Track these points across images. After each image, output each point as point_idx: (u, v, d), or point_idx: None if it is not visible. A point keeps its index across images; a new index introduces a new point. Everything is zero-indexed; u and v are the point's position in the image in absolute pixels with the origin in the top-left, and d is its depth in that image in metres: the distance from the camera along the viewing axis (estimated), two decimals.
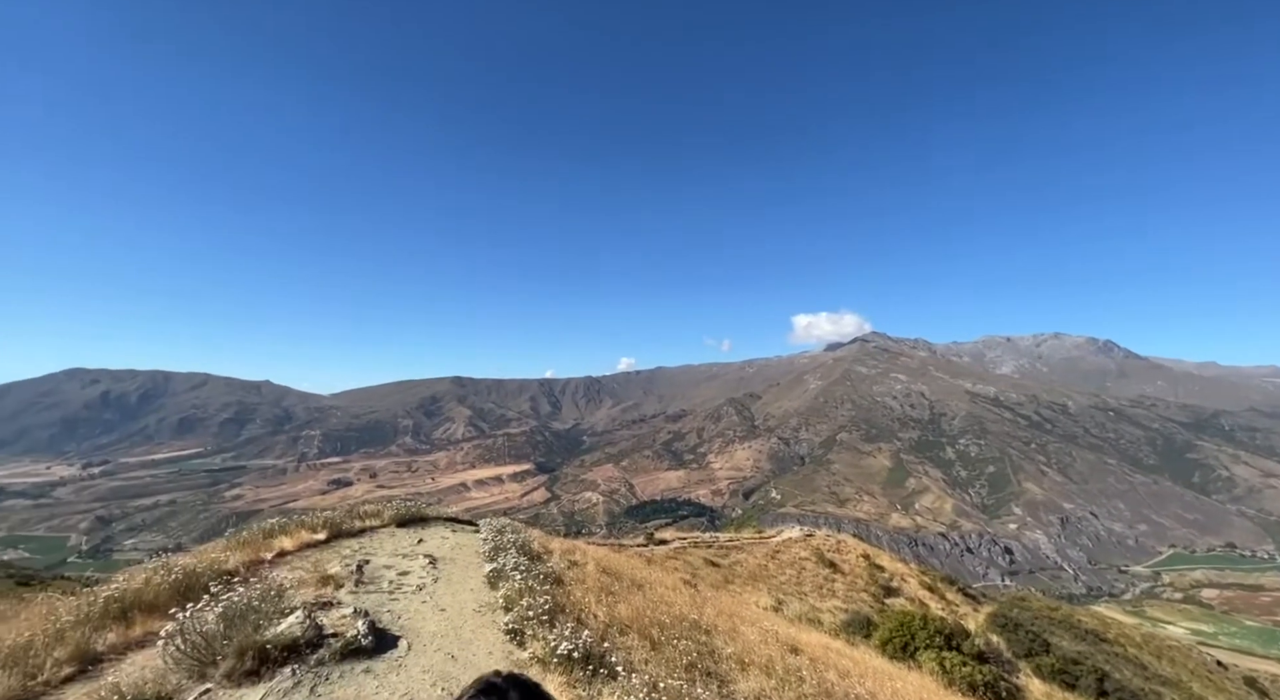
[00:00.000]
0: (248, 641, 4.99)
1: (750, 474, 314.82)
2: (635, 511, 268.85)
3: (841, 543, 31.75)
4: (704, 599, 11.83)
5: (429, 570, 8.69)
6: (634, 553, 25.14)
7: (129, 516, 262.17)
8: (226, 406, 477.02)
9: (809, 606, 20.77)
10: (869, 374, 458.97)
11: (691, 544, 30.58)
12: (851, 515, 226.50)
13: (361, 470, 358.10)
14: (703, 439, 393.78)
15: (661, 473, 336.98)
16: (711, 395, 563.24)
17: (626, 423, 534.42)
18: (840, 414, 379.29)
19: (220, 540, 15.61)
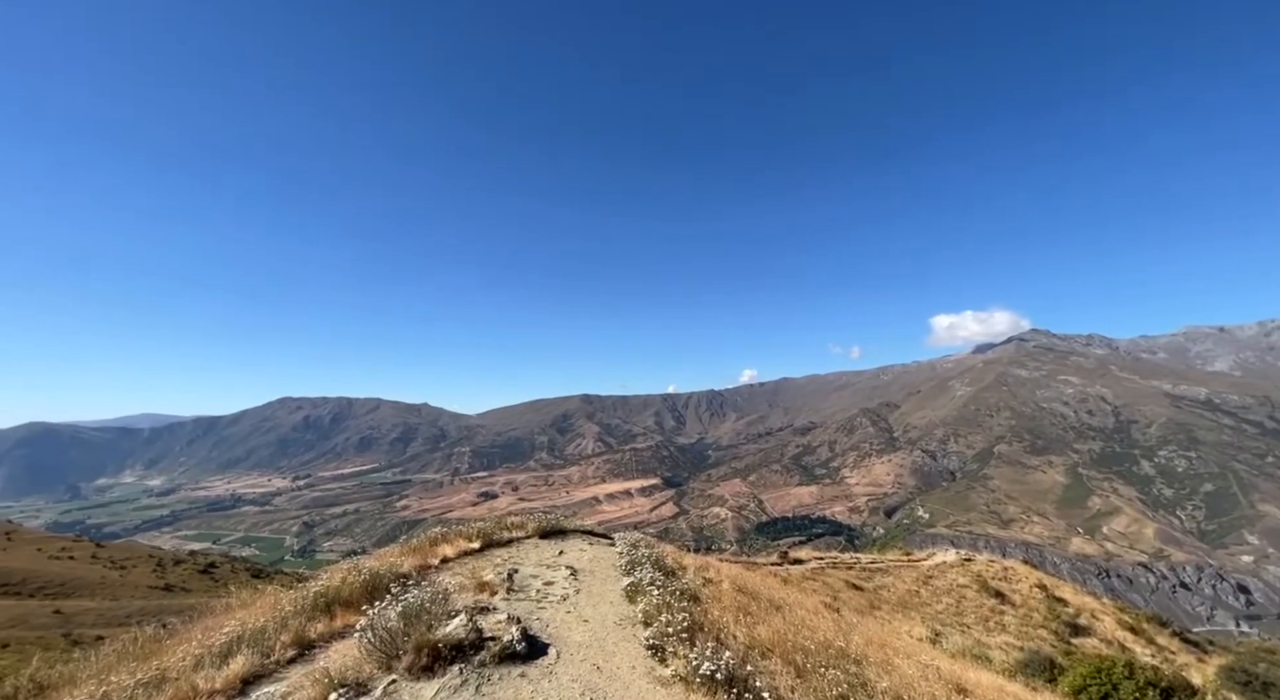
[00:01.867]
0: (423, 639, 5.59)
1: (891, 490, 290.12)
2: (766, 528, 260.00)
3: (1009, 570, 27.93)
4: (849, 625, 11.04)
5: (571, 581, 9.12)
6: (768, 571, 24.26)
7: (326, 523, 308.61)
8: (395, 427, 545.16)
9: (973, 641, 18.46)
10: (1031, 377, 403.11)
11: (830, 564, 28.79)
12: (1018, 538, 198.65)
13: (505, 484, 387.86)
14: (835, 452, 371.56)
15: (792, 488, 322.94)
16: (842, 406, 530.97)
17: (752, 436, 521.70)
18: (997, 423, 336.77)
19: (394, 546, 17.67)
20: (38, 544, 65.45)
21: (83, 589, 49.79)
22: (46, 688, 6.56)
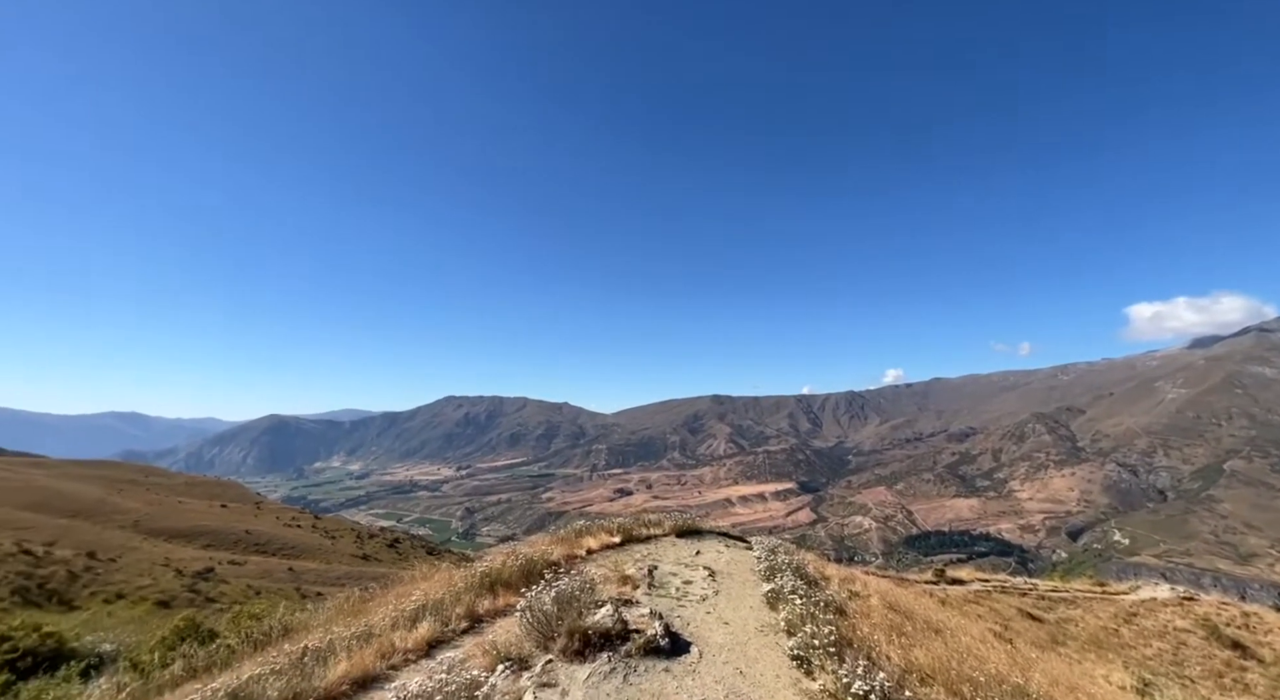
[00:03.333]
0: (574, 625, 5.99)
1: (1076, 508, 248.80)
2: (916, 542, 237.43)
3: (1254, 617, 22.46)
4: (1027, 660, 9.68)
5: (709, 582, 9.15)
6: (922, 590, 22.12)
7: (484, 509, 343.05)
8: (540, 424, 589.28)
9: (1200, 699, 15.14)
10: (1277, 377, 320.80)
11: (998, 588, 25.47)
12: (1265, 578, 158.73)
13: (639, 481, 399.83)
14: (1000, 462, 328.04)
15: (947, 500, 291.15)
16: (1009, 410, 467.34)
17: (898, 442, 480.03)
18: (1227, 434, 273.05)
19: (541, 534, 19.04)
20: (276, 513, 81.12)
21: (306, 552, 60.77)
22: (290, 630, 8.15)
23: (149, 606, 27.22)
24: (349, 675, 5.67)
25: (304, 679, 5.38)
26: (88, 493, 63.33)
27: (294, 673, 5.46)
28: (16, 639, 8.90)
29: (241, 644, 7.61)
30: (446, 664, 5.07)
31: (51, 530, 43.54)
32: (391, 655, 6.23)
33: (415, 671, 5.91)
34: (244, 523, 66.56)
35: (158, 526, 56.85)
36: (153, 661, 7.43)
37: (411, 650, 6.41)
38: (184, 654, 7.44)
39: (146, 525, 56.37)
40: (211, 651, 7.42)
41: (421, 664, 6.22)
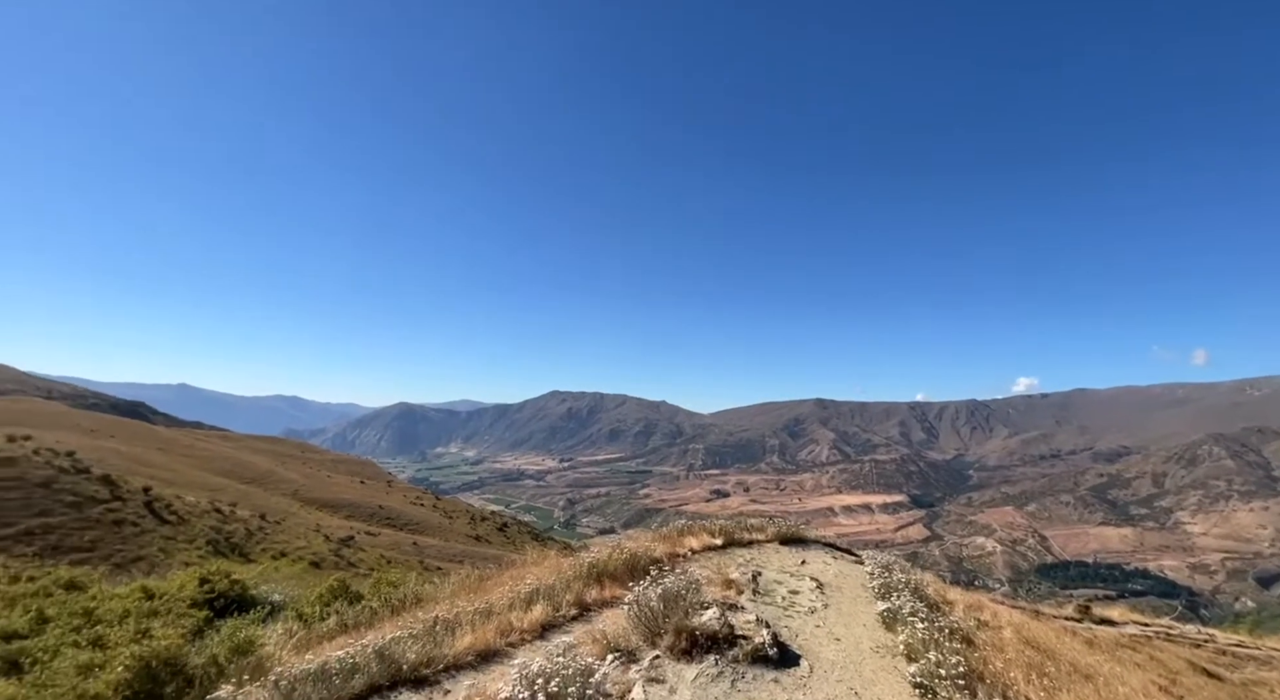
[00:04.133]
0: (681, 624, 6.02)
1: (1268, 550, 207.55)
2: (1051, 572, 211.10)
3: None
4: None
5: (817, 594, 8.79)
6: (1061, 626, 19.57)
7: (584, 501, 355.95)
8: (638, 421, 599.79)
9: None
10: None
11: (1162, 635, 21.87)
12: None
13: (736, 484, 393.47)
14: (1164, 489, 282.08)
15: (1091, 527, 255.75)
16: (1175, 428, 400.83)
17: (1030, 458, 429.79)
18: None
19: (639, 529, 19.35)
20: (404, 492, 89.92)
21: (428, 529, 66.75)
22: (421, 600, 9.00)
23: (304, 565, 31.35)
24: (473, 647, 6.14)
25: (435, 646, 5.92)
26: (260, 463, 74.31)
27: (427, 639, 6.02)
28: (214, 582, 10.66)
29: (382, 607, 8.53)
30: (560, 647, 5.32)
31: (234, 493, 51.63)
32: (509, 633, 6.66)
33: (531, 651, 6.27)
34: (378, 498, 74.55)
35: (311, 496, 65.37)
36: (313, 614, 8.55)
37: (527, 630, 6.81)
38: (337, 611, 8.49)
39: (303, 494, 65.04)
40: (358, 611, 8.39)
41: (536, 644, 6.59)
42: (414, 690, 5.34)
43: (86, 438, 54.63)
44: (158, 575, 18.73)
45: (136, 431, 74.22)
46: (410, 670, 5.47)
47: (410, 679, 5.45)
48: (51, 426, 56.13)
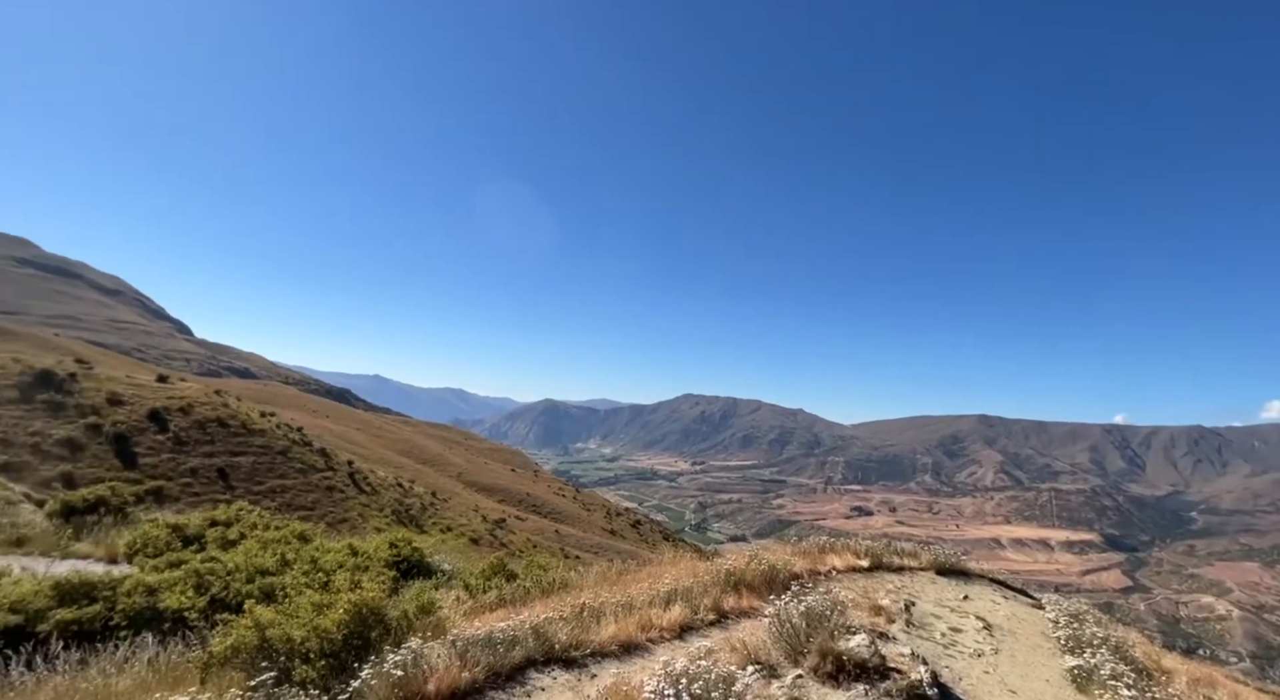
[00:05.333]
0: (826, 646, 5.73)
1: None
2: None
3: None
4: None
5: (985, 636, 7.80)
6: None
7: (715, 506, 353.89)
8: (773, 428, 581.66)
9: None
10: None
11: None
12: None
13: (881, 502, 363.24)
14: None
15: None
16: None
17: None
18: None
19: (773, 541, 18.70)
20: (548, 482, 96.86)
21: (568, 519, 71.14)
22: (566, 586, 9.65)
23: (465, 541, 35.24)
24: (616, 637, 6.43)
25: (584, 631, 6.30)
26: (432, 447, 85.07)
27: (576, 623, 6.44)
28: (400, 548, 12.43)
29: (534, 588, 9.29)
30: (700, 651, 5.37)
31: (412, 471, 59.71)
32: (649, 629, 6.87)
33: (670, 649, 6.41)
34: (526, 486, 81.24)
35: (471, 480, 73.27)
36: (478, 586, 9.59)
37: (665, 629, 6.97)
38: (496, 586, 9.42)
39: (465, 477, 73.15)
40: (514, 589, 9.23)
41: (674, 643, 6.71)
42: (564, 669, 5.74)
43: (309, 417, 66.96)
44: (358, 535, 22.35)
45: (343, 414, 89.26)
46: (561, 650, 5.89)
47: (561, 658, 5.87)
48: (287, 406, 69.68)
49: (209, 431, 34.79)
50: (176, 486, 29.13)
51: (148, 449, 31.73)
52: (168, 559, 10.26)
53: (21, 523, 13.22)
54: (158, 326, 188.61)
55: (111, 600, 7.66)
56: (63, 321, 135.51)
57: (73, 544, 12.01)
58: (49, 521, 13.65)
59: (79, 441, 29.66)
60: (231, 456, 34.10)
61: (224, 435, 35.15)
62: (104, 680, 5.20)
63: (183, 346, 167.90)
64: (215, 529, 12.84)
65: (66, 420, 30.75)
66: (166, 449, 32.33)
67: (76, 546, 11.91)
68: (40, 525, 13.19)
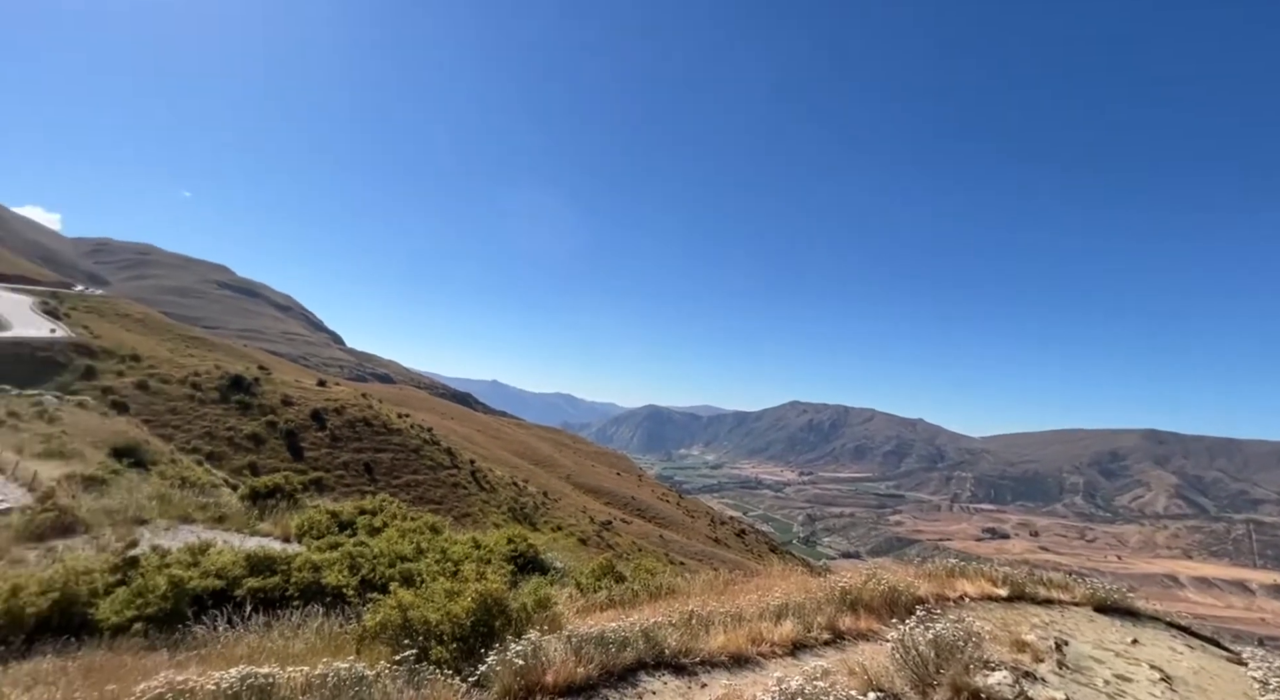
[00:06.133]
0: (960, 680, 5.22)
1: None
2: None
3: None
4: None
5: (1165, 692, 6.67)
6: None
7: (825, 519, 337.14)
8: (888, 439, 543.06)
9: None
10: None
11: None
12: None
13: (1019, 524, 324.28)
14: None
15: None
16: None
17: None
18: None
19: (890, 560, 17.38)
20: (652, 487, 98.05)
21: (672, 524, 71.43)
22: (673, 591, 9.69)
23: (575, 540, 36.66)
24: (726, 648, 6.34)
25: (693, 638, 6.29)
26: (543, 449, 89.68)
27: (685, 630, 6.44)
28: (517, 543, 13.23)
29: (642, 591, 9.44)
30: (816, 671, 5.13)
31: (526, 472, 63.32)
32: (760, 642, 6.68)
33: (782, 665, 6.19)
34: (630, 490, 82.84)
35: (579, 481, 76.15)
36: (589, 586, 9.94)
37: (777, 644, 6.74)
38: (606, 587, 9.70)
39: (573, 479, 76.20)
40: (623, 591, 9.45)
41: (786, 660, 6.47)
42: (674, 675, 5.76)
43: (437, 418, 73.54)
44: (479, 530, 24.13)
45: (466, 416, 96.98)
46: (671, 655, 5.92)
47: (671, 663, 5.90)
48: (419, 408, 77.12)
49: (357, 430, 39.52)
50: (332, 477, 33.39)
51: (310, 444, 36.73)
52: (328, 541, 11.78)
53: (222, 503, 15.87)
54: (317, 337, 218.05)
55: (287, 573, 8.94)
56: (249, 334, 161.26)
57: (258, 523, 14.20)
58: (241, 503, 16.25)
59: (261, 436, 35.06)
60: (375, 453, 38.42)
61: (369, 433, 39.73)
62: (284, 642, 6.07)
63: (337, 355, 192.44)
64: (363, 517, 14.52)
65: (252, 418, 36.49)
66: (325, 444, 37.21)
67: (260, 525, 14.07)
68: (235, 506, 15.75)
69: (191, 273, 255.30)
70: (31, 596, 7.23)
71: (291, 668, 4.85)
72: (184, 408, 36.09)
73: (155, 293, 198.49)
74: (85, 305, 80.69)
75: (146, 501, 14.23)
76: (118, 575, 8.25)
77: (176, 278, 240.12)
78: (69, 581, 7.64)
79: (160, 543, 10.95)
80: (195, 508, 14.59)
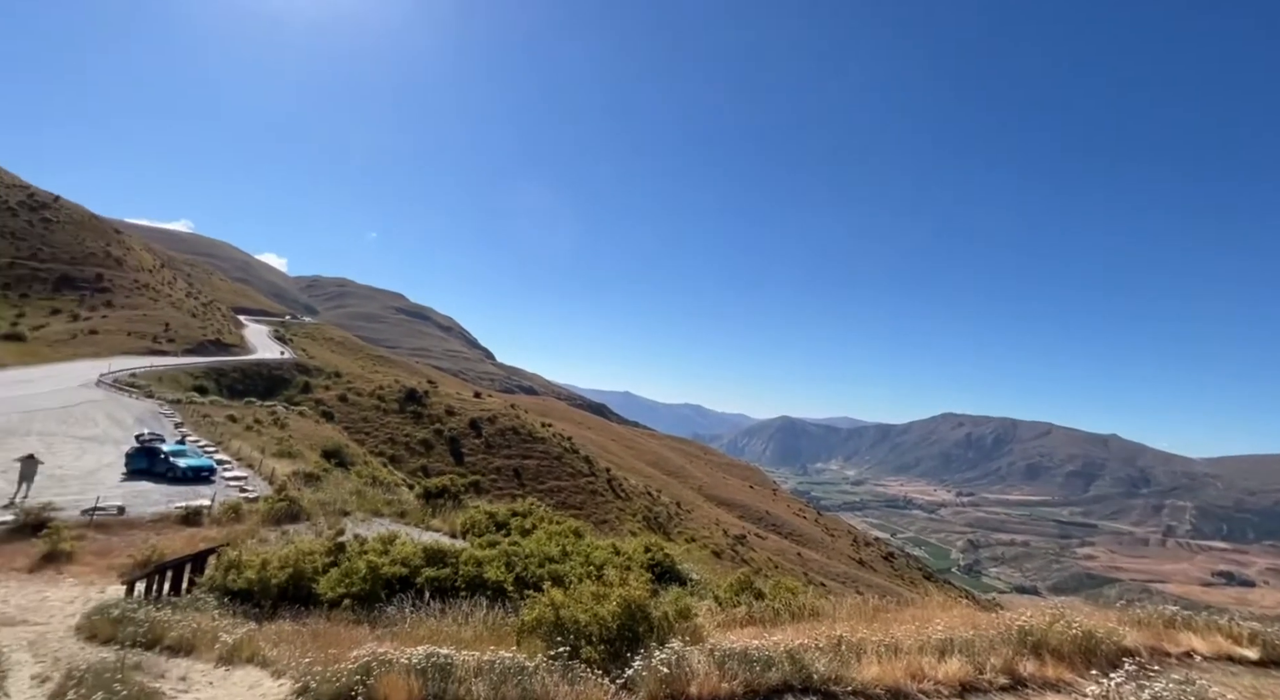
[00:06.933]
0: None
1: None
2: None
3: None
4: None
5: None
6: None
7: (991, 547, 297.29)
8: (1071, 458, 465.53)
9: None
10: None
11: None
12: None
13: (1268, 569, 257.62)
14: None
15: None
16: None
17: None
18: None
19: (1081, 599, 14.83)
20: (786, 502, 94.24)
21: (811, 542, 67.86)
22: (817, 614, 9.21)
23: (708, 552, 36.40)
24: (881, 680, 5.86)
25: (843, 665, 5.91)
26: (674, 459, 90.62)
27: (834, 656, 6.08)
28: (654, 552, 13.50)
29: (783, 610, 9.10)
30: None
31: (659, 481, 64.42)
32: (920, 679, 6.08)
33: None
34: (764, 504, 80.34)
35: (711, 493, 75.60)
36: (728, 600, 9.81)
37: (942, 682, 6.09)
38: (745, 603, 9.50)
39: (705, 491, 75.88)
40: (763, 608, 9.19)
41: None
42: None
43: (575, 427, 77.88)
44: (615, 536, 24.99)
45: (601, 426, 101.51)
46: (820, 681, 5.62)
47: (819, 690, 5.60)
48: (559, 418, 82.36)
49: (507, 438, 43.31)
50: (487, 481, 36.88)
51: (469, 449, 40.99)
52: (487, 539, 13.02)
53: (402, 500, 18.33)
54: (473, 354, 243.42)
55: (455, 566, 10.05)
56: (419, 352, 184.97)
57: (430, 520, 16.17)
58: (417, 501, 18.62)
59: (430, 442, 39.93)
60: (523, 459, 41.76)
61: (517, 441, 43.33)
62: (456, 627, 6.83)
63: (489, 369, 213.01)
64: (516, 518, 15.83)
65: (422, 426, 41.71)
66: (481, 450, 41.30)
67: (432, 522, 16.00)
68: (412, 503, 18.10)
69: (376, 301, 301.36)
70: (274, 570, 8.96)
71: (465, 652, 5.45)
72: (372, 417, 42.70)
73: (350, 319, 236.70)
74: (303, 331, 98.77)
75: (348, 496, 16.96)
76: (331, 558, 9.90)
77: (365, 306, 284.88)
78: (299, 560, 9.35)
79: (359, 532, 12.96)
80: (383, 503, 17.04)
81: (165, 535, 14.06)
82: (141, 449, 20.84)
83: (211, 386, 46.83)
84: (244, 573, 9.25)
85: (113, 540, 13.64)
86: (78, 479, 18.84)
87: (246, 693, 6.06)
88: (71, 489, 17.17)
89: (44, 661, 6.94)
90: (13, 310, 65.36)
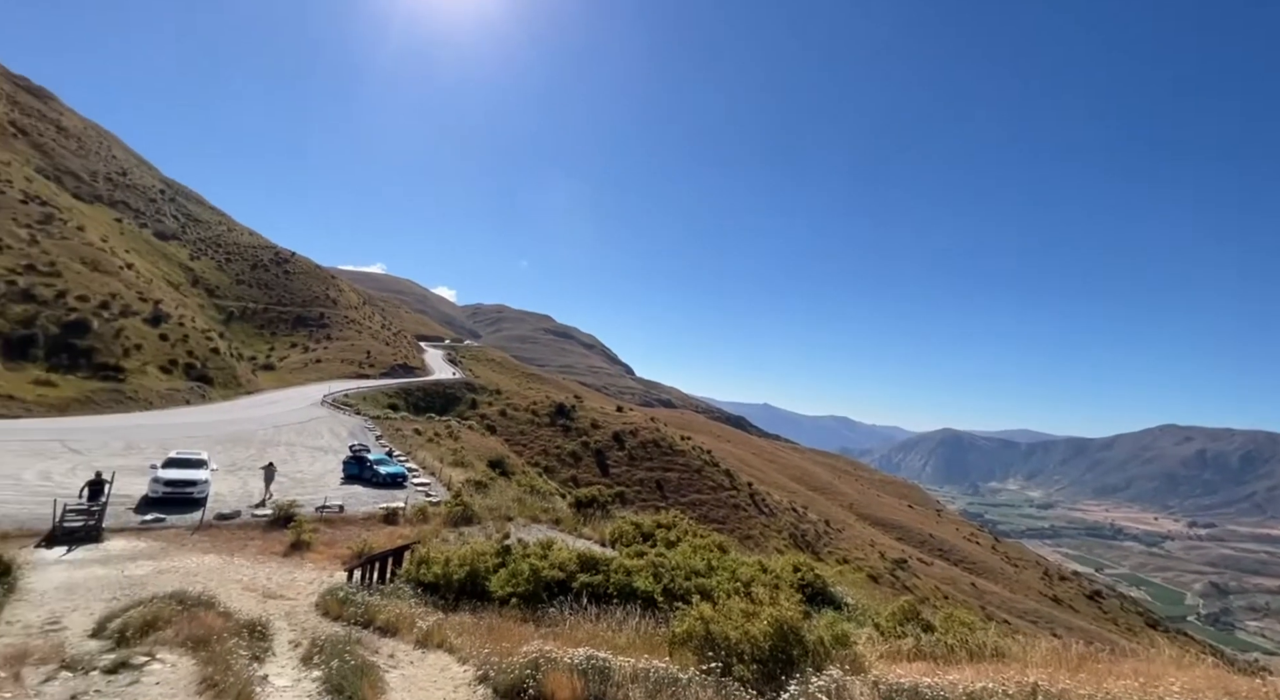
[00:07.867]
0: None
1: None
2: None
3: None
4: None
5: None
6: None
7: (1247, 593, 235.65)
8: None
9: None
10: None
11: None
12: None
13: None
14: None
15: None
16: None
17: None
18: None
19: None
20: (955, 525, 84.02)
21: (988, 572, 59.57)
22: (1001, 654, 8.06)
23: (863, 576, 33.64)
24: None
25: None
26: (821, 474, 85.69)
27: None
28: (803, 572, 12.87)
29: (959, 647, 8.11)
30: None
31: (805, 498, 61.32)
32: None
33: None
34: (927, 526, 72.37)
35: (864, 512, 70.05)
36: (890, 630, 9.01)
37: None
38: (912, 634, 8.64)
39: (857, 509, 70.54)
40: (934, 642, 8.28)
41: None
42: None
43: (714, 440, 77.37)
44: (759, 553, 24.24)
45: (740, 439, 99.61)
46: None
47: None
48: (698, 431, 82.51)
49: (648, 450, 44.43)
50: (630, 492, 38.08)
51: (613, 461, 42.75)
52: (634, 549, 13.44)
53: (556, 508, 19.67)
54: (614, 369, 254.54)
55: (606, 574, 10.51)
56: (565, 369, 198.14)
57: (582, 527, 17.12)
58: (569, 510, 19.86)
59: (578, 454, 42.40)
60: (664, 472, 42.49)
61: (658, 454, 44.23)
62: (611, 633, 7.15)
63: (629, 383, 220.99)
64: (661, 530, 16.14)
65: (571, 438, 44.46)
66: (624, 462, 42.84)
67: (584, 530, 16.93)
68: (565, 512, 19.34)
69: (527, 324, 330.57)
70: (455, 567, 10.16)
71: (620, 657, 5.69)
72: (527, 430, 46.74)
73: (506, 341, 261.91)
74: (469, 354, 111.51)
75: (511, 503, 18.65)
76: (499, 558, 10.96)
77: (518, 328, 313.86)
78: (474, 560, 10.50)
79: (521, 536, 14.17)
80: (540, 510, 18.45)
81: (372, 531, 16.73)
82: (353, 457, 25.25)
83: (401, 404, 55.38)
84: (432, 568, 10.66)
85: (335, 533, 16.54)
86: (311, 482, 23.21)
87: (439, 674, 6.93)
88: (307, 490, 21.21)
89: (295, 631, 8.62)
90: (266, 345, 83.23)
